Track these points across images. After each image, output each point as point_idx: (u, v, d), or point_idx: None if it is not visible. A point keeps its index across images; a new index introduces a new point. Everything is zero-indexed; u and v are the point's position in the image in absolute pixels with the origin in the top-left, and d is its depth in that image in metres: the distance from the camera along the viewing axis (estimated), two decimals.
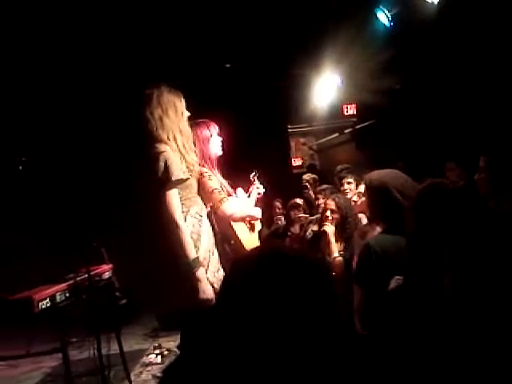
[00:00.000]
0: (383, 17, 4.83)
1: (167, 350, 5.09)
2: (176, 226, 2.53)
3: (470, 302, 1.21)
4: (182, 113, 2.79)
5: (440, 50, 5.15)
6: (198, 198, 2.79)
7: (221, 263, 2.79)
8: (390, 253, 2.25)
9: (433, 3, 4.32)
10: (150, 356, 5.04)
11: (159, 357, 4.98)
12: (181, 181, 2.60)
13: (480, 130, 4.58)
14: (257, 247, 1.10)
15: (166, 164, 2.54)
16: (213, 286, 2.57)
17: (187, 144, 2.77)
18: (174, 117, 2.72)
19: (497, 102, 4.90)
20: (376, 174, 2.52)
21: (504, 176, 2.07)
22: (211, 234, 2.79)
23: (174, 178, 2.55)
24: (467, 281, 1.22)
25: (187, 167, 2.70)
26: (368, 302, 2.31)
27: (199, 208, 2.75)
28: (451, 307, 1.29)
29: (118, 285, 5.76)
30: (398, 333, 1.89)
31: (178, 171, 2.57)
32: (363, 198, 2.89)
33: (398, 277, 1.95)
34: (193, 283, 2.51)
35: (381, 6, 4.82)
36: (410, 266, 1.92)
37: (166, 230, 2.54)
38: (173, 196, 2.57)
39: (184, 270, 2.51)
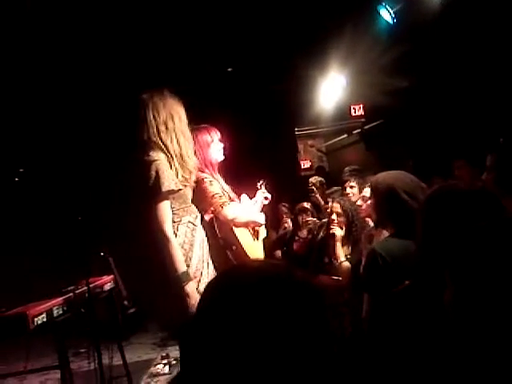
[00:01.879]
0: (386, 14, 4.73)
1: (175, 359, 5.01)
2: (165, 238, 2.45)
3: (471, 319, 1.10)
4: (185, 118, 2.74)
5: (446, 47, 5.03)
6: (193, 207, 2.70)
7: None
8: (398, 258, 2.16)
9: None
10: (158, 366, 4.97)
11: (167, 367, 4.91)
12: (172, 192, 2.52)
13: (491, 126, 4.45)
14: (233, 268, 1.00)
15: (157, 174, 2.45)
16: None
17: (190, 150, 2.70)
18: (178, 121, 2.66)
19: (506, 98, 4.77)
20: (382, 176, 2.43)
21: None
22: (205, 244, 2.70)
23: (163, 189, 2.45)
24: (468, 297, 1.10)
25: (183, 176, 2.61)
26: (376, 309, 2.21)
27: (193, 217, 2.66)
28: (452, 322, 1.18)
29: (125, 293, 5.69)
30: (402, 341, 1.79)
31: (168, 182, 2.48)
32: (368, 202, 2.77)
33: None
34: (182, 297, 2.43)
35: (383, 3, 4.72)
36: (419, 273, 1.82)
37: (156, 242, 2.46)
38: (163, 208, 2.48)
39: (173, 284, 2.44)
